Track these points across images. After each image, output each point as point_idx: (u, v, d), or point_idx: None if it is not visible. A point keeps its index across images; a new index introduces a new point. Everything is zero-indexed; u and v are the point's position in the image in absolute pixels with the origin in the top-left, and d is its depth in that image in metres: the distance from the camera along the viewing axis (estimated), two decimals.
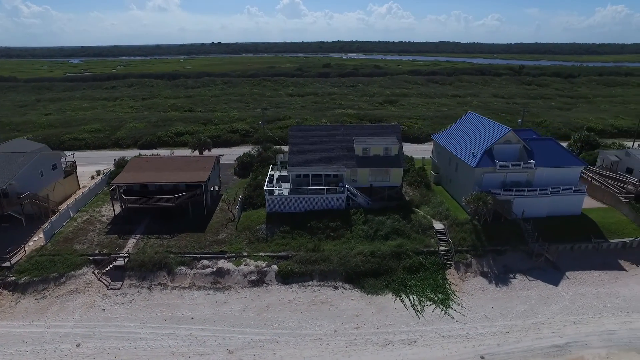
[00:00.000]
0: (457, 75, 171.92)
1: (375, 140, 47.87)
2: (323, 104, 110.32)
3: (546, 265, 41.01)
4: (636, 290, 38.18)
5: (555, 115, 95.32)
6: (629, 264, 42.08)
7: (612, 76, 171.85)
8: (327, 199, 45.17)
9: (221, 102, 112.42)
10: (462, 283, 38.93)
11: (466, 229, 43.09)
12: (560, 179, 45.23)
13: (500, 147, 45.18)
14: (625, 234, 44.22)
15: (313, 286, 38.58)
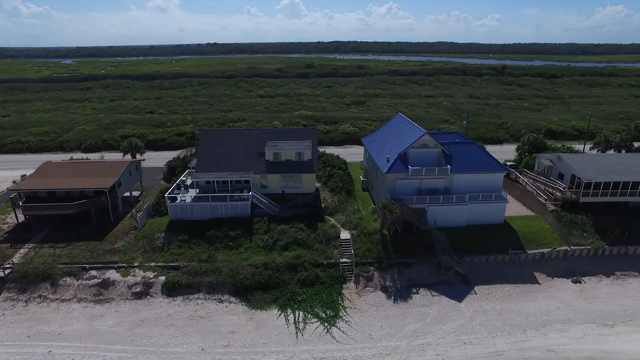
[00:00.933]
0: (437, 75, 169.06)
1: (288, 144, 45.58)
2: (288, 105, 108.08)
3: (456, 279, 38.39)
4: (543, 305, 35.46)
5: (519, 117, 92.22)
6: (544, 276, 39.35)
7: (595, 77, 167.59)
8: (230, 206, 42.91)
9: (186, 104, 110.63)
10: (358, 298, 36.48)
11: (373, 240, 40.55)
12: (482, 186, 42.53)
13: (417, 152, 42.60)
14: (545, 244, 41.50)
15: (198, 299, 36.35)
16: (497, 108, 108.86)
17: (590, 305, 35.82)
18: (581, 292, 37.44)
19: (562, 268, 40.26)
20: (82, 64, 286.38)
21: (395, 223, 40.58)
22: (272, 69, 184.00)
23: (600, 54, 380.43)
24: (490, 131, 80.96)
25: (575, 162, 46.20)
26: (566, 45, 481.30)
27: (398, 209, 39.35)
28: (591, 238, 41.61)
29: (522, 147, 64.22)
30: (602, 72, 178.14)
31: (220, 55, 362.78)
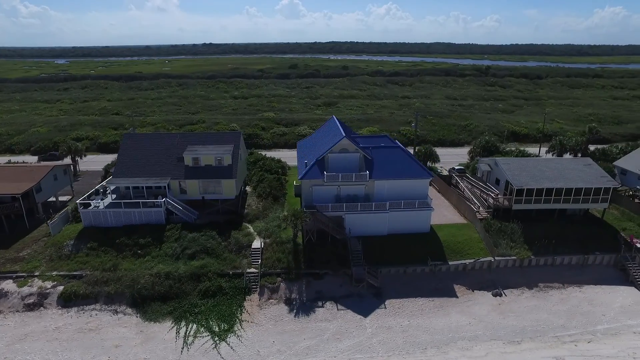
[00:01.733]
0: (420, 76, 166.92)
1: (207, 149, 43.93)
2: (257, 106, 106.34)
3: (368, 291, 36.54)
4: (454, 321, 33.59)
5: (486, 119, 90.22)
6: (464, 289, 37.43)
7: (579, 78, 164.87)
8: (144, 213, 41.24)
9: (155, 106, 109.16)
10: (259, 311, 34.71)
11: (285, 249, 38.73)
12: (405, 192, 40.53)
13: (335, 157, 40.68)
14: (469, 254, 39.48)
15: (93, 310, 34.65)
16: (469, 109, 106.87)
17: (503, 320, 33.92)
18: (498, 306, 35.52)
19: (484, 280, 38.35)
20: (75, 63, 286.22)
21: (308, 232, 38.93)
22: (254, 69, 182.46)
23: (596, 55, 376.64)
24: (453, 133, 78.97)
25: (510, 167, 44.22)
26: (562, 46, 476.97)
27: (308, 217, 37.68)
28: (518, 248, 39.61)
29: (474, 150, 62.54)
30: (586, 73, 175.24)
31: (215, 56, 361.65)
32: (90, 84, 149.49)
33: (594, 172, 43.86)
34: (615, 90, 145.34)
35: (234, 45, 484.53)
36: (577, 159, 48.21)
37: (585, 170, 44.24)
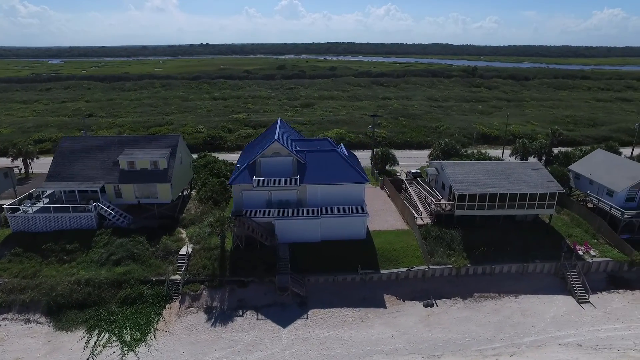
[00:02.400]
0: (407, 76, 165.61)
1: (143, 153, 42.78)
2: (231, 107, 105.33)
3: (293, 300, 35.33)
4: (376, 333, 32.26)
5: (459, 120, 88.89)
6: (394, 299, 36.12)
7: (566, 79, 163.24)
8: (74, 217, 40.18)
9: (130, 107, 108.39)
10: (177, 320, 33.54)
11: (212, 255, 37.57)
12: (340, 198, 39.20)
13: (268, 161, 39.46)
14: (404, 262, 38.17)
15: (4, 320, 33.39)
16: (447, 110, 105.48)
17: (429, 333, 32.65)
18: (427, 318, 34.24)
19: (418, 290, 37.06)
20: (68, 64, 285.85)
21: (237, 238, 37.81)
22: (242, 70, 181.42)
23: (592, 57, 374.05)
24: (421, 135, 77.63)
25: (454, 171, 42.90)
26: (558, 48, 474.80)
27: (233, 223, 36.57)
28: (456, 256, 38.31)
29: (434, 153, 61.23)
30: (574, 75, 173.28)
31: (211, 57, 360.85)
32: (73, 85, 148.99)
33: (541, 177, 42.49)
34: (600, 92, 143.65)
35: (230, 46, 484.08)
36: (526, 163, 46.80)
37: (532, 174, 42.88)
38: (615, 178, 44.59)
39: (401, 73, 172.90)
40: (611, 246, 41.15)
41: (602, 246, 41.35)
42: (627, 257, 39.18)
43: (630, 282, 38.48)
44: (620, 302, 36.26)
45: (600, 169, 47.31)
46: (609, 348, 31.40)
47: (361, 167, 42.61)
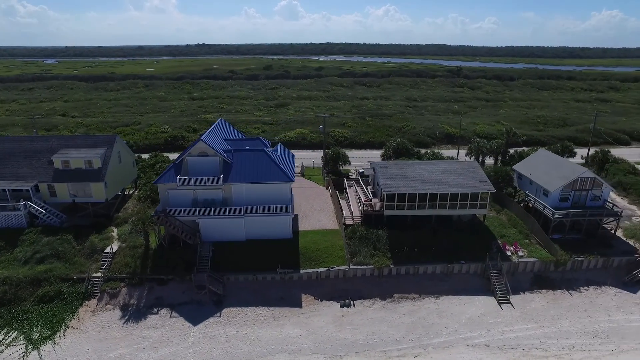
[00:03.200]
0: (392, 77, 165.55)
1: (78, 152, 43.03)
2: (205, 108, 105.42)
3: (210, 298, 35.40)
4: (285, 332, 32.17)
5: (427, 120, 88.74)
6: (312, 298, 36.05)
7: (551, 80, 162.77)
8: (3, 216, 40.36)
9: (106, 107, 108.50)
10: (91, 317, 33.62)
11: (135, 254, 37.68)
12: (266, 197, 39.33)
13: (194, 160, 39.52)
14: (327, 262, 38.03)
15: None
16: (420, 110, 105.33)
17: (338, 333, 32.55)
18: (340, 318, 34.14)
19: (337, 290, 36.94)
20: (63, 63, 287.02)
21: (160, 236, 37.93)
22: (227, 70, 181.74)
23: (588, 58, 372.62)
24: (384, 135, 77.51)
25: (386, 171, 42.80)
26: (555, 49, 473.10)
27: (154, 221, 36.70)
28: (379, 256, 38.27)
29: (386, 153, 61.19)
30: (560, 75, 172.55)
31: (206, 57, 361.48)
32: (57, 85, 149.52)
33: (474, 177, 42.36)
34: (582, 93, 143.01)
35: (226, 46, 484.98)
36: (462, 163, 46.54)
37: (466, 174, 42.77)
38: (552, 178, 44.39)
39: (386, 73, 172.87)
40: (541, 246, 41.18)
41: (533, 246, 41.22)
42: (553, 258, 39.27)
43: (554, 282, 38.37)
44: (540, 302, 36.14)
45: (540, 169, 47.12)
46: (514, 348, 31.32)
47: (291, 167, 42.51)
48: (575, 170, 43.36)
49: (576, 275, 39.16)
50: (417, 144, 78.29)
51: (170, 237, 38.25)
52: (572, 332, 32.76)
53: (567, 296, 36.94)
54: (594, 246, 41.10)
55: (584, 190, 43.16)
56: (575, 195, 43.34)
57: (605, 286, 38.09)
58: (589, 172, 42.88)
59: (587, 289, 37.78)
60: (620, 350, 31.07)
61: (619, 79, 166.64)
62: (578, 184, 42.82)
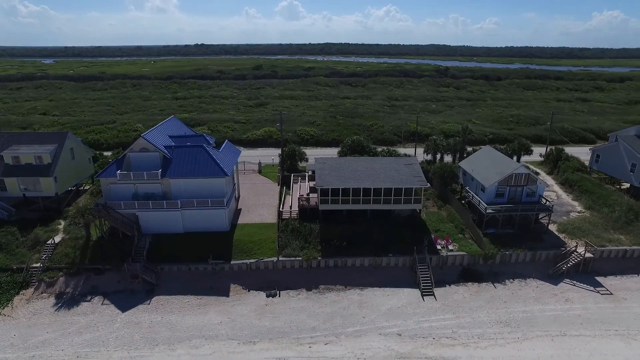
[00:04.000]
0: (379, 76, 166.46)
1: (28, 148, 44.80)
2: (185, 107, 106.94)
3: (142, 287, 36.81)
4: (207, 319, 33.48)
5: (397, 119, 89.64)
6: (240, 288, 37.39)
7: (538, 79, 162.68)
8: None
9: (88, 106, 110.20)
10: (25, 305, 35.09)
11: (76, 245, 39.33)
12: (203, 191, 40.84)
13: (136, 155, 41.18)
14: (257, 254, 39.31)
15: None
16: (396, 109, 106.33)
17: (258, 321, 33.74)
18: (263, 307, 35.32)
19: (266, 280, 38.23)
20: (60, 63, 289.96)
21: (100, 229, 39.44)
22: (213, 70, 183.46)
23: (586, 58, 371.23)
24: (351, 133, 78.29)
25: (323, 167, 43.88)
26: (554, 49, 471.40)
27: (91, 214, 38.20)
28: (309, 249, 39.48)
29: (342, 150, 62.33)
30: (548, 75, 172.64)
31: (204, 57, 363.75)
32: (45, 84, 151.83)
33: (410, 173, 43.44)
34: (567, 93, 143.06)
35: (224, 46, 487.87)
36: (400, 159, 47.47)
37: (402, 170, 43.87)
38: (489, 174, 45.33)
39: (373, 73, 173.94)
40: (474, 241, 42.22)
41: (465, 241, 42.25)
42: (482, 251, 40.30)
43: (481, 275, 39.33)
44: (463, 295, 37.19)
45: (481, 165, 48.07)
46: (425, 337, 32.41)
47: (230, 163, 43.78)
48: (511, 166, 44.44)
49: (504, 269, 40.28)
50: (383, 142, 79.99)
51: (111, 229, 39.86)
52: (486, 322, 33.84)
53: (491, 288, 38.09)
54: (526, 240, 42.18)
55: (519, 185, 44.23)
56: (511, 190, 44.37)
57: (530, 279, 39.24)
58: (522, 168, 43.91)
59: (512, 282, 38.95)
60: (525, 338, 32.17)
61: (606, 79, 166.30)
62: (513, 180, 43.81)
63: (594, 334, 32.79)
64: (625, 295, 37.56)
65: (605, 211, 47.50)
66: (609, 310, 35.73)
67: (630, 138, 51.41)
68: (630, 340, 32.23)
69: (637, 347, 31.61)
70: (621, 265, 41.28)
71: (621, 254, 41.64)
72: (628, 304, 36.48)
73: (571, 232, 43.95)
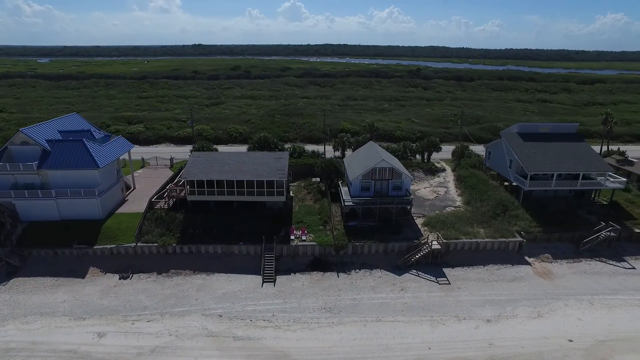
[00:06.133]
0: (352, 77, 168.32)
1: None
2: (140, 106, 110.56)
3: (6, 269, 39.45)
4: (53, 298, 36.12)
5: (334, 118, 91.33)
6: (98, 271, 40.07)
7: (510, 80, 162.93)
8: None
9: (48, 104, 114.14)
10: None
11: None
12: (78, 182, 43.78)
13: (17, 148, 44.16)
14: (120, 240, 41.77)
15: None
16: (344, 108, 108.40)
17: (99, 300, 36.31)
18: (111, 288, 37.80)
19: (124, 264, 40.71)
20: (55, 62, 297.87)
21: None
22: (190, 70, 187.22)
23: (582, 61, 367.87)
24: (281, 131, 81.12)
25: (195, 160, 46.32)
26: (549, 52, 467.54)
27: None
28: (168, 236, 41.69)
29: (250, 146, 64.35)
30: (520, 76, 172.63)
31: (200, 57, 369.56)
32: (19, 83, 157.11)
33: (275, 166, 45.37)
34: (534, 94, 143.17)
35: (221, 47, 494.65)
36: (270, 154, 49.02)
37: (269, 164, 45.89)
38: (358, 168, 47.18)
39: (345, 74, 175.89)
40: (332, 232, 44.03)
41: (324, 232, 44.05)
42: (333, 242, 42.03)
43: (330, 265, 41.06)
44: (302, 282, 39.00)
45: (357, 160, 49.95)
46: (243, 319, 34.37)
47: (108, 156, 46.26)
48: (374, 161, 46.08)
49: (355, 259, 42.05)
50: (309, 140, 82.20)
51: None
52: (309, 308, 35.67)
53: (333, 277, 39.86)
54: (385, 233, 43.89)
55: (385, 179, 46.00)
56: (377, 184, 46.19)
57: (376, 269, 40.94)
58: (385, 162, 45.49)
59: (358, 272, 40.67)
60: (340, 323, 33.92)
61: (577, 81, 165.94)
62: (377, 174, 45.60)
63: (408, 319, 34.57)
64: (460, 285, 39.23)
65: (477, 206, 49.16)
66: (437, 298, 37.44)
67: (511, 135, 52.66)
68: (438, 325, 33.97)
69: (442, 330, 33.36)
70: (470, 257, 42.86)
71: (474, 247, 43.14)
72: (458, 292, 38.17)
73: (433, 226, 45.60)
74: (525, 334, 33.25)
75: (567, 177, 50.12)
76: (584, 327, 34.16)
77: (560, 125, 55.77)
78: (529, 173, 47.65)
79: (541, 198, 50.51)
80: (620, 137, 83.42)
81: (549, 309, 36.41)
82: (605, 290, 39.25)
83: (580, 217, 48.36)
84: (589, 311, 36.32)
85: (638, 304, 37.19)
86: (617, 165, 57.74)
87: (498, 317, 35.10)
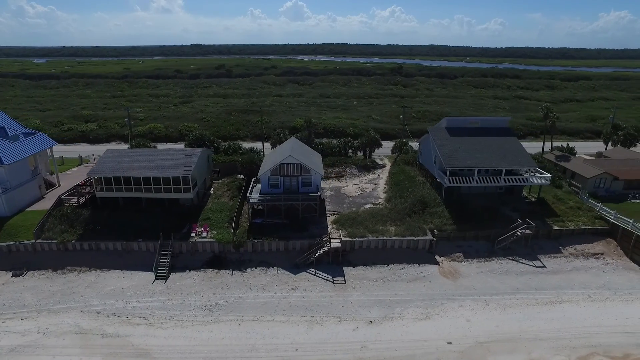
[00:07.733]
0: (333, 75, 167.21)
1: None
2: (107, 105, 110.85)
3: None
4: None
5: (290, 115, 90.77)
6: None
7: (493, 78, 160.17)
8: None
9: (18, 103, 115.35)
10: None
11: None
12: None
13: None
14: (23, 237, 41.24)
15: None
16: (310, 106, 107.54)
17: None
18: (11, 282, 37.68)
19: (22, 261, 40.24)
20: (51, 63, 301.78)
21: None
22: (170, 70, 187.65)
23: (582, 59, 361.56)
24: (233, 129, 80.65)
25: (108, 156, 45.84)
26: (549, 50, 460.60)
27: None
28: (70, 232, 41.17)
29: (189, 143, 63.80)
30: (504, 74, 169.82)
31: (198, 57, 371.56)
32: None
33: (182, 163, 44.60)
34: (516, 91, 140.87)
35: (219, 47, 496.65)
36: (183, 150, 48.60)
37: (178, 160, 45.26)
38: (268, 164, 46.02)
39: (327, 72, 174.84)
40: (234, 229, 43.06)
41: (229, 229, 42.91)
42: (231, 239, 41.18)
43: (227, 263, 40.32)
44: (194, 280, 38.17)
45: (273, 156, 48.90)
46: (119, 315, 33.71)
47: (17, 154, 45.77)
48: (281, 157, 45.09)
49: (254, 257, 41.15)
50: (260, 138, 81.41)
51: None
52: (190, 306, 34.87)
53: (227, 275, 38.99)
54: (290, 230, 42.93)
55: (294, 176, 45.06)
56: (286, 180, 45.28)
57: (273, 267, 39.96)
58: (291, 157, 44.53)
59: (254, 270, 39.77)
60: (215, 321, 33.09)
61: (561, 78, 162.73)
62: (285, 170, 44.68)
63: (286, 319, 33.61)
64: (355, 285, 38.09)
65: (396, 203, 47.94)
66: (326, 298, 36.35)
67: (438, 130, 51.18)
68: (315, 326, 32.90)
69: (318, 331, 32.24)
70: (376, 256, 41.60)
71: (380, 245, 41.82)
72: (350, 292, 37.04)
73: (342, 224, 44.43)
74: (405, 337, 32.09)
75: (494, 173, 48.84)
76: (470, 329, 32.96)
77: (490, 119, 54.22)
78: (447, 169, 46.37)
79: (467, 195, 49.25)
80: (580, 133, 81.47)
81: (440, 310, 35.26)
82: (507, 289, 38.01)
83: (502, 214, 46.84)
84: (482, 312, 35.13)
85: (533, 303, 35.93)
86: (554, 161, 56.07)
87: (383, 319, 34.02)
